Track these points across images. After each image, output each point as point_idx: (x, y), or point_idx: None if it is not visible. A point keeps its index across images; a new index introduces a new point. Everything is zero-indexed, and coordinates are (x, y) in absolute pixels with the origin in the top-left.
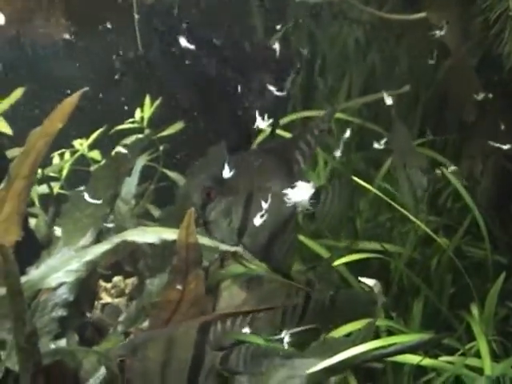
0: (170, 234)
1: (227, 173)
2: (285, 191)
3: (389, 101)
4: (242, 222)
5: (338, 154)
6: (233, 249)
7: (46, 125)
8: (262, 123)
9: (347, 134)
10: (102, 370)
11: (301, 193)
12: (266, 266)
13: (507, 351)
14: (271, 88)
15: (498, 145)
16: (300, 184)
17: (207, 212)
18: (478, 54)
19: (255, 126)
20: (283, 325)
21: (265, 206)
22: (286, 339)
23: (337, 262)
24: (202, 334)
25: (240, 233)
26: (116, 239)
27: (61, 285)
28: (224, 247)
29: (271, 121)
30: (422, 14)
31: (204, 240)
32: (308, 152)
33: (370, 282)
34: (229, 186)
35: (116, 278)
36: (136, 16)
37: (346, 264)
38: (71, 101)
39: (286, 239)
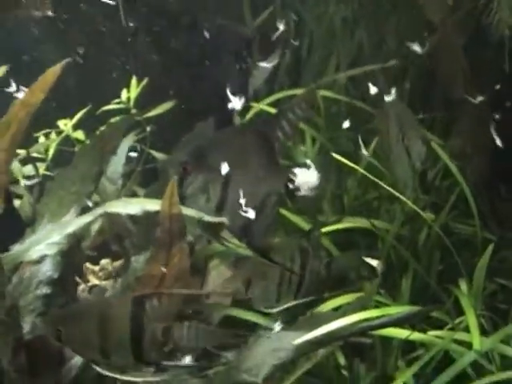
0: (154, 205)
1: (225, 169)
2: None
3: (373, 90)
4: (220, 198)
5: (365, 152)
6: (217, 219)
7: (27, 95)
8: (237, 103)
9: (346, 124)
10: None
11: (306, 177)
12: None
13: (496, 326)
14: (262, 64)
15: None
16: (306, 170)
17: (184, 187)
18: (467, 30)
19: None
20: (279, 298)
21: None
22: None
23: (324, 229)
24: (138, 306)
25: (218, 210)
26: (98, 211)
27: (43, 258)
28: (208, 219)
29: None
30: None
31: (188, 211)
32: (290, 130)
33: (373, 262)
34: (207, 161)
35: (104, 261)
36: None
37: (334, 242)
38: (53, 71)
39: (266, 218)
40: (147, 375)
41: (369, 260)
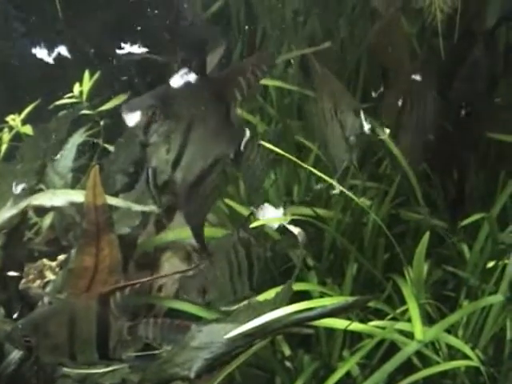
0: (79, 197)
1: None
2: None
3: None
4: (179, 152)
5: None
6: (146, 208)
7: None
8: None
9: None
10: None
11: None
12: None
13: (444, 316)
14: None
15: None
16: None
17: (150, 133)
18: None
19: None
20: (235, 290)
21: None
22: None
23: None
24: (103, 305)
25: (174, 165)
26: (23, 203)
27: None
28: (137, 208)
29: None
30: None
31: (114, 201)
32: (246, 90)
33: (295, 229)
34: (173, 108)
35: (61, 256)
36: None
37: (280, 232)
38: None
39: (210, 182)
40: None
41: (291, 227)
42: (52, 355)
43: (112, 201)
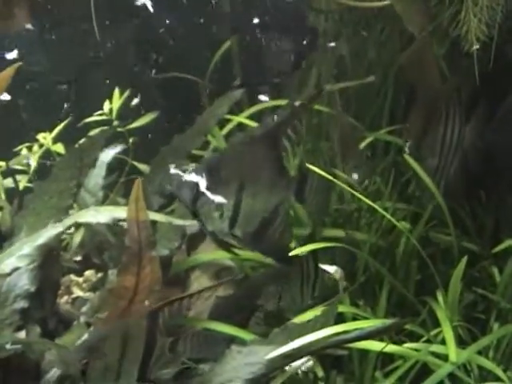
0: (122, 212)
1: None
2: None
3: None
4: (234, 211)
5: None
6: (187, 223)
7: None
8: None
9: None
10: None
11: None
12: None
13: (474, 337)
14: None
15: None
16: None
17: (198, 206)
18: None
19: None
20: (302, 298)
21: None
22: None
23: (301, 249)
24: (152, 321)
25: (231, 223)
26: (68, 221)
27: (15, 270)
28: (179, 222)
29: None
30: (387, 2)
31: (157, 216)
32: (295, 137)
33: (331, 268)
34: (221, 176)
35: (88, 272)
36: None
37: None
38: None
39: (278, 225)
40: None
41: (326, 267)
42: (102, 376)
43: (154, 216)
